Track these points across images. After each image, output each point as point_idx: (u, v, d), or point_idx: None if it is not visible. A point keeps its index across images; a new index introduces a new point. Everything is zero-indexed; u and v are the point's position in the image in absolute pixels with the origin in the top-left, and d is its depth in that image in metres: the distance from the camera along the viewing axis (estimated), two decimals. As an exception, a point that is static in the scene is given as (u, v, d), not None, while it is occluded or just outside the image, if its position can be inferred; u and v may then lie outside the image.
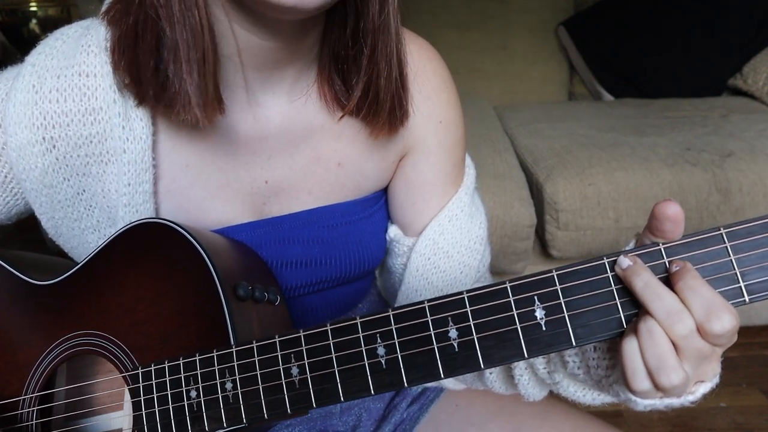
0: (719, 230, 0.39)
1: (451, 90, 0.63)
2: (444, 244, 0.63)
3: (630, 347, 0.38)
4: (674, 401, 0.41)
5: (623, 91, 2.17)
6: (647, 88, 2.13)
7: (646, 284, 0.38)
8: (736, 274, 0.38)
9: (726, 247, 0.38)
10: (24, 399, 0.56)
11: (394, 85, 0.55)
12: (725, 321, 0.36)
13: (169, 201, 0.58)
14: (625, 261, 0.39)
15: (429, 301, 0.42)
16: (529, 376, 0.55)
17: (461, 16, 2.22)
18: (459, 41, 2.20)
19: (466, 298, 0.42)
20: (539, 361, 0.51)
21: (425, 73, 0.61)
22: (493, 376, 0.60)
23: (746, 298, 0.38)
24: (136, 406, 0.49)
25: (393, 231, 0.67)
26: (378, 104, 0.55)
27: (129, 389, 0.50)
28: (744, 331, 1.72)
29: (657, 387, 0.38)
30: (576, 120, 1.89)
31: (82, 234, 0.59)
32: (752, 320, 1.62)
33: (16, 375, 0.56)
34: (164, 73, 0.49)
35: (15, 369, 0.56)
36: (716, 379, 0.42)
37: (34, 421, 0.55)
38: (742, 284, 0.38)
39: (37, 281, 0.58)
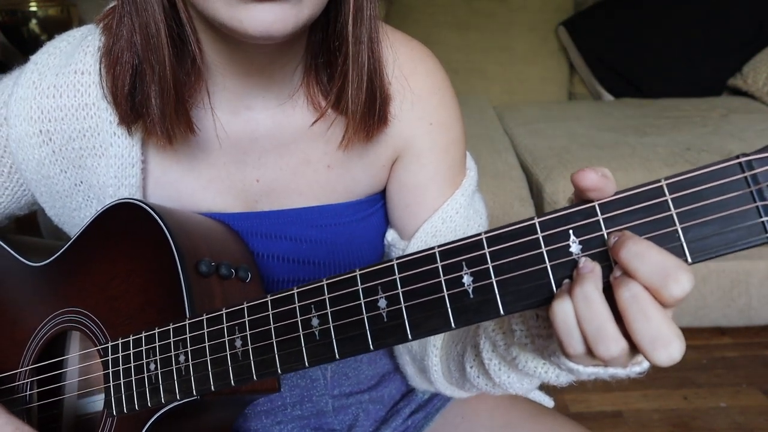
0: (660, 182, 0.34)
1: (445, 91, 0.62)
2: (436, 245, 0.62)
3: (561, 309, 0.35)
4: (619, 371, 0.38)
5: (623, 91, 2.17)
6: (647, 88, 2.14)
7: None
8: (677, 230, 0.34)
9: (667, 200, 0.34)
10: (19, 372, 0.60)
11: (364, 93, 0.54)
12: (684, 282, 0.32)
13: (159, 193, 0.60)
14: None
15: (360, 269, 0.41)
16: (498, 360, 0.52)
17: (461, 16, 2.23)
18: (459, 41, 2.20)
19: (395, 265, 0.40)
20: (499, 337, 0.49)
21: (416, 75, 0.59)
22: (474, 370, 0.57)
23: (688, 257, 0.34)
24: (106, 379, 0.51)
25: (390, 235, 0.66)
26: (350, 110, 0.55)
27: (101, 362, 0.52)
28: (744, 331, 1.72)
29: (595, 357, 0.35)
30: (576, 120, 1.89)
31: (82, 223, 0.61)
32: (752, 320, 1.61)
33: (15, 351, 0.60)
34: (136, 97, 0.52)
35: (13, 345, 0.60)
36: None
37: (28, 392, 0.59)
38: (683, 242, 0.34)
39: (33, 263, 0.61)
